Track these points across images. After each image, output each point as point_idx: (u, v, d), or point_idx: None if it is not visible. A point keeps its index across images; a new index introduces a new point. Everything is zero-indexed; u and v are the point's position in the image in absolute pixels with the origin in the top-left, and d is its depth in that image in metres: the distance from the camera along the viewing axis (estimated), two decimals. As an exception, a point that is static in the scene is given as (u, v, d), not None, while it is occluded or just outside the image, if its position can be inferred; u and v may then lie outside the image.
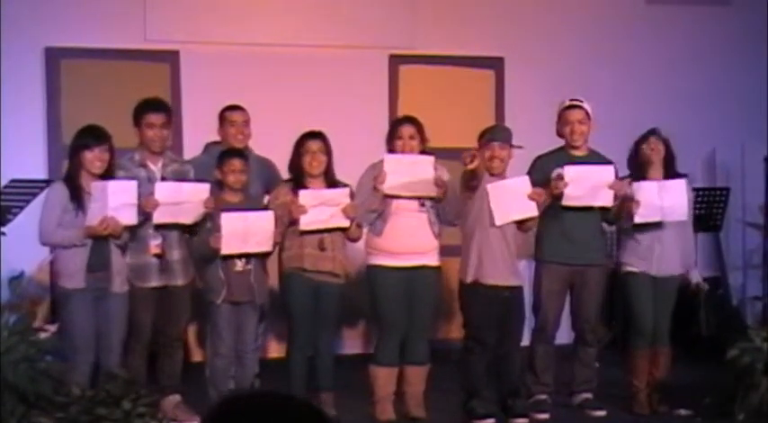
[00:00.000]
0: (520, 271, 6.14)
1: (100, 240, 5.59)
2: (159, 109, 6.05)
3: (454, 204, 5.98)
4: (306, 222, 5.87)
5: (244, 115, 6.55)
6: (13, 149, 7.30)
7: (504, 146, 5.98)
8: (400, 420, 6.00)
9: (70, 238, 5.57)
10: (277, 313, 6.40)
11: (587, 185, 6.10)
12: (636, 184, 6.12)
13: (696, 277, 6.34)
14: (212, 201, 5.83)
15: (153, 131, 5.96)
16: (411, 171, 5.91)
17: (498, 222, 5.90)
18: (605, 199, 6.14)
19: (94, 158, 5.61)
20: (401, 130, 6.00)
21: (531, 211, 5.98)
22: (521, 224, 6.03)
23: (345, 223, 5.94)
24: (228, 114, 6.54)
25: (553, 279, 6.26)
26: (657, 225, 6.17)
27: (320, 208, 5.88)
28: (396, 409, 6.04)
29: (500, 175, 5.99)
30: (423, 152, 5.99)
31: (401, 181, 5.89)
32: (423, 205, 5.96)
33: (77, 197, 5.60)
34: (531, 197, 5.95)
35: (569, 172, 6.08)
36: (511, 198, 5.94)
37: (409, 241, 5.95)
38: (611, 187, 6.11)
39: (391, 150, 5.99)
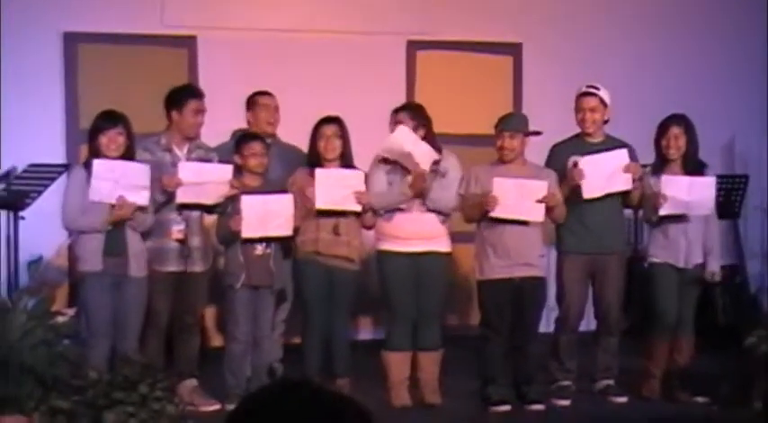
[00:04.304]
0: (539, 262, 6.07)
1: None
2: (201, 95, 6.08)
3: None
4: (321, 201, 5.86)
5: (274, 101, 6.56)
6: (31, 134, 7.33)
7: (515, 135, 5.97)
8: (416, 406, 6.00)
9: (93, 225, 5.58)
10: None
11: (604, 173, 6.08)
12: (666, 178, 6.06)
13: (712, 266, 6.24)
14: (237, 181, 5.83)
15: (197, 118, 5.97)
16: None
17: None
18: (624, 183, 6.13)
19: (109, 141, 5.61)
20: (399, 117, 5.97)
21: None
22: (549, 212, 5.99)
23: (358, 207, 5.94)
24: (260, 99, 6.53)
25: (574, 269, 6.24)
26: (683, 217, 6.13)
27: (336, 188, 5.88)
28: (411, 394, 6.04)
29: (512, 162, 5.98)
30: (425, 138, 5.92)
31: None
32: (423, 204, 5.96)
33: None
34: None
35: (584, 164, 6.07)
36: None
37: (417, 227, 5.95)
38: (626, 170, 6.10)
39: None
